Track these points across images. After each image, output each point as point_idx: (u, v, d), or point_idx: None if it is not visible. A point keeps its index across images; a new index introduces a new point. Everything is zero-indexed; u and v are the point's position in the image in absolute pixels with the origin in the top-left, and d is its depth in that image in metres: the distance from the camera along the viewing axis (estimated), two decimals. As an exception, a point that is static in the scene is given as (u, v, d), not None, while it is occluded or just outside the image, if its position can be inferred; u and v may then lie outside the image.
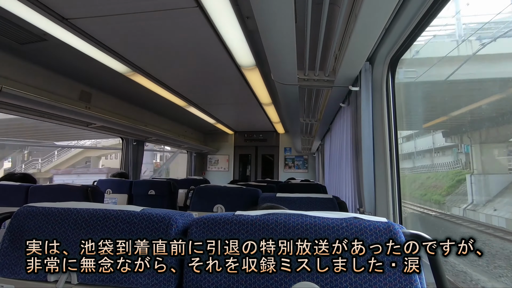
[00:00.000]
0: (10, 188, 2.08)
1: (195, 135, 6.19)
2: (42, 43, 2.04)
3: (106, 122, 3.17)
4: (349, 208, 1.93)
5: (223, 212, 1.96)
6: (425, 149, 9.68)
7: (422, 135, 9.59)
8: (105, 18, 1.77)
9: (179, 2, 1.61)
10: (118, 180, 3.33)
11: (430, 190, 8.46)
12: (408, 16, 1.17)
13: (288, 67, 1.65)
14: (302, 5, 1.26)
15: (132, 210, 0.75)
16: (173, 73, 2.79)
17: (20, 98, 2.14)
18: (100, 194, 2.15)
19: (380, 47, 1.47)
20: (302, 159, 6.77)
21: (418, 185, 9.18)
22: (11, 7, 1.57)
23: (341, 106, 2.24)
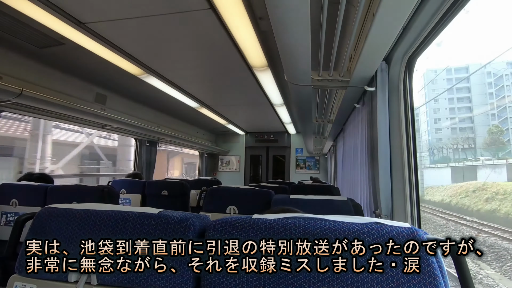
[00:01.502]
0: (29, 188, 2.15)
1: (207, 136, 6.23)
2: (59, 47, 2.09)
3: (120, 124, 3.22)
4: (364, 211, 1.89)
5: (236, 213, 1.96)
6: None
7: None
8: (120, 22, 1.80)
9: (192, 4, 1.62)
10: (132, 181, 3.39)
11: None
12: (428, 14, 1.13)
13: (302, 67, 1.63)
14: (318, 5, 1.25)
15: (150, 212, 0.75)
16: (185, 75, 2.81)
17: (39, 100, 2.20)
18: (115, 194, 2.18)
19: (397, 46, 1.43)
20: (313, 159, 6.70)
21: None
22: (32, 12, 1.62)
23: (355, 106, 2.20)
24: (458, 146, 33.43)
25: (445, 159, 33.29)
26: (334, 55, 1.56)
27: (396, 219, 1.54)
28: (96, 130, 3.48)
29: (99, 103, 2.96)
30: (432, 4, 1.10)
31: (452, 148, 33.84)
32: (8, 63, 2.10)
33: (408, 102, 1.50)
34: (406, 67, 1.48)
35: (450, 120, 39.93)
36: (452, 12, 1.11)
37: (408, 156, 1.49)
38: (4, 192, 2.16)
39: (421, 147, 39.95)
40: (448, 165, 29.95)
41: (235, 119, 5.28)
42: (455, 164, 29.32)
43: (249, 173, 6.93)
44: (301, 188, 2.94)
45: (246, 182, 6.71)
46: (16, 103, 2.13)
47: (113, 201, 2.15)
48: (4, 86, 1.93)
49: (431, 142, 40.45)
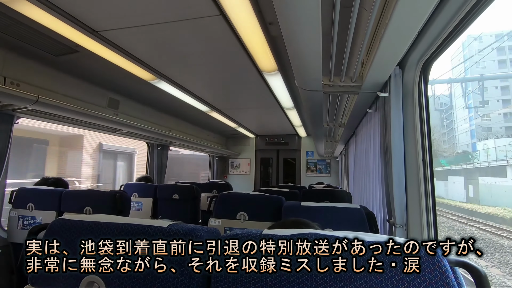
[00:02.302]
0: (45, 192, 2.20)
1: (217, 139, 6.25)
2: (74, 55, 2.14)
3: (133, 128, 3.27)
4: (377, 219, 1.84)
5: (246, 219, 1.95)
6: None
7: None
8: (132, 29, 1.83)
9: (202, 11, 1.63)
10: (144, 184, 3.43)
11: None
12: (445, 18, 1.09)
13: (312, 73, 1.61)
14: (329, 10, 1.22)
15: (160, 226, 0.75)
16: (196, 80, 2.83)
17: (54, 107, 2.25)
18: (127, 199, 2.21)
19: (412, 51, 1.39)
20: (324, 163, 6.62)
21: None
22: (48, 22, 1.66)
23: (367, 111, 2.16)
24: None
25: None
26: (346, 60, 1.53)
27: (411, 228, 1.49)
28: (108, 134, 3.53)
29: (112, 108, 3.02)
30: (449, 8, 1.06)
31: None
32: (25, 71, 2.17)
33: (424, 108, 1.45)
34: (421, 73, 1.43)
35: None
36: (471, 16, 1.06)
37: (424, 164, 1.44)
38: (21, 196, 2.22)
39: (458, 141, 33.28)
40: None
41: (245, 122, 5.28)
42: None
43: (260, 176, 6.91)
44: (312, 193, 2.90)
45: (257, 185, 6.70)
46: (33, 110, 2.19)
47: (125, 205, 2.18)
48: (22, 93, 1.98)
49: (474, 132, 31.09)
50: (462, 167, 22.87)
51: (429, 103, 1.46)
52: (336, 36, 1.35)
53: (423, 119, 1.45)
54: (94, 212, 2.07)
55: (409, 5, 0.93)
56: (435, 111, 35.12)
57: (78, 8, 1.61)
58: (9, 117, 2.24)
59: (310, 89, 1.84)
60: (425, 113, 1.45)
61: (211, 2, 1.52)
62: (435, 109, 34.60)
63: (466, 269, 0.58)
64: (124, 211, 2.15)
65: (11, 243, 2.24)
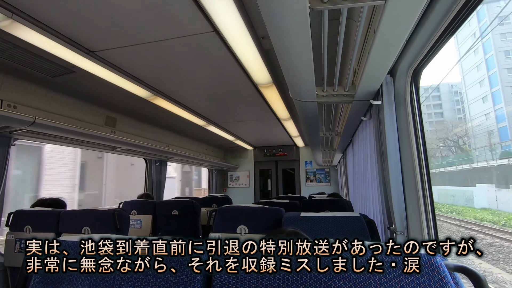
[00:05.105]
0: (42, 213, 2.17)
1: (215, 153, 6.25)
2: (70, 75, 2.17)
3: (130, 145, 3.27)
4: (378, 226, 1.83)
5: (246, 233, 1.93)
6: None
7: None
8: (127, 48, 1.86)
9: (196, 28, 1.67)
10: (143, 201, 3.40)
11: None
12: (430, 27, 1.12)
13: (305, 84, 1.64)
14: (318, 22, 1.26)
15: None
16: (192, 95, 2.86)
17: (51, 127, 2.26)
18: (125, 217, 2.18)
19: (401, 59, 1.42)
20: (323, 172, 6.61)
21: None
22: (44, 44, 1.69)
23: (362, 119, 2.18)
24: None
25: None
26: (338, 70, 1.56)
27: (412, 234, 1.48)
28: (106, 152, 3.52)
29: (109, 126, 3.03)
30: (434, 17, 1.10)
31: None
32: (21, 93, 2.19)
33: (416, 114, 1.47)
34: (412, 79, 1.46)
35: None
36: (456, 23, 1.10)
37: (420, 169, 1.44)
38: (18, 218, 2.19)
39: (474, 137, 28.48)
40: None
41: (242, 135, 5.30)
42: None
43: (259, 188, 6.87)
44: (312, 203, 2.89)
45: (256, 197, 6.65)
46: (30, 131, 2.20)
47: (123, 223, 2.15)
48: (19, 115, 1.99)
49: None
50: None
51: (421, 108, 1.48)
52: (326, 48, 1.39)
53: (417, 125, 1.47)
54: (92, 232, 2.04)
55: (394, 16, 0.96)
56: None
57: (73, 30, 1.65)
58: (6, 140, 2.24)
59: (304, 99, 1.87)
60: (418, 118, 1.47)
61: (204, 19, 1.56)
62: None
63: (465, 274, 0.58)
64: (122, 230, 2.12)
65: (8, 267, 2.19)
